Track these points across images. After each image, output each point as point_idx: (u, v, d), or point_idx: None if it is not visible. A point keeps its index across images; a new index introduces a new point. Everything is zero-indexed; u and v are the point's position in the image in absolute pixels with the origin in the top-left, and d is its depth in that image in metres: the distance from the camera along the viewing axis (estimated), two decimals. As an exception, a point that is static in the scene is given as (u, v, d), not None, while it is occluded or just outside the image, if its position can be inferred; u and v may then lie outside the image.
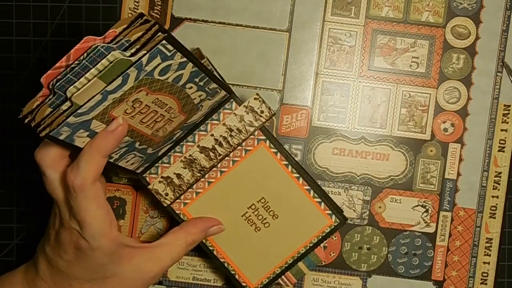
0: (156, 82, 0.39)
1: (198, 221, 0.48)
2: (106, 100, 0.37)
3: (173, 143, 0.48)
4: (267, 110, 0.47)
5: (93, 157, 0.40)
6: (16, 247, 0.55)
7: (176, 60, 0.38)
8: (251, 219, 0.49)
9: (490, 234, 0.53)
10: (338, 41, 0.53)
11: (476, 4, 0.53)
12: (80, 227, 0.41)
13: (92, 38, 0.36)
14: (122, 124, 0.40)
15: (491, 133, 0.53)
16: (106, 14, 0.53)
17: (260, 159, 0.48)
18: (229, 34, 0.53)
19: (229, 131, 0.48)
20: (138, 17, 0.36)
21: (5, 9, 0.54)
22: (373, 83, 0.53)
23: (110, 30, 0.36)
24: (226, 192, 0.49)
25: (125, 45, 0.36)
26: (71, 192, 0.40)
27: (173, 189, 0.48)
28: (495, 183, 0.53)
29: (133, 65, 0.36)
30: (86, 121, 0.38)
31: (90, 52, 0.36)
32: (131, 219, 0.54)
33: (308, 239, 0.49)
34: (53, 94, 0.37)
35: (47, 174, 0.41)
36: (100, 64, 0.35)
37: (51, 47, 0.54)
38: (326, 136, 0.53)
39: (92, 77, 0.36)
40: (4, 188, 0.55)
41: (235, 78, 0.53)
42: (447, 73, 0.53)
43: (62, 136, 0.37)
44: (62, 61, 0.36)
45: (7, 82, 0.54)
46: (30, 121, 0.37)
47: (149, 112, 0.41)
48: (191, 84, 0.42)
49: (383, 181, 0.53)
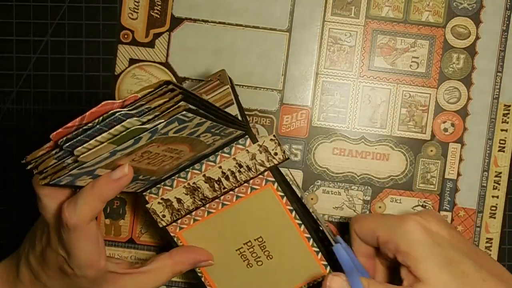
0: (170, 138, 0.37)
1: (188, 251, 0.47)
2: (114, 155, 0.36)
3: (178, 170, 0.47)
4: (281, 153, 0.46)
5: (92, 201, 0.39)
6: (16, 247, 0.55)
7: (194, 122, 0.36)
8: (245, 254, 0.48)
9: (490, 234, 0.53)
10: (338, 41, 0.53)
11: (476, 4, 0.53)
12: (68, 256, 0.41)
13: (110, 102, 0.34)
14: (127, 175, 0.38)
15: (491, 133, 0.53)
16: (106, 14, 0.53)
17: (265, 199, 0.47)
18: (229, 34, 0.53)
19: (239, 166, 0.46)
20: (164, 84, 0.34)
21: (5, 9, 0.54)
22: (373, 83, 0.53)
23: (131, 95, 0.34)
24: (225, 225, 0.48)
25: (145, 111, 0.34)
26: (64, 227, 0.39)
27: (171, 212, 0.47)
28: (495, 183, 0.53)
29: (147, 131, 0.34)
30: (90, 171, 0.37)
31: (106, 117, 0.34)
32: (131, 219, 0.54)
33: (299, 284, 0.48)
34: (60, 149, 0.36)
35: (43, 202, 0.40)
36: (114, 130, 0.34)
37: (51, 47, 0.54)
38: (326, 136, 0.53)
39: (105, 140, 0.34)
40: (4, 188, 0.55)
41: (235, 78, 0.53)
42: (447, 73, 0.53)
43: (63, 182, 0.37)
44: (75, 121, 0.34)
45: (7, 82, 0.54)
46: (32, 168, 0.36)
47: (158, 157, 0.40)
48: (206, 134, 0.40)
49: (383, 181, 0.53)
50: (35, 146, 0.41)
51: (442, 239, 0.41)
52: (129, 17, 0.53)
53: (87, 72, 0.54)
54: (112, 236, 0.54)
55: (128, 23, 0.53)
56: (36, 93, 0.54)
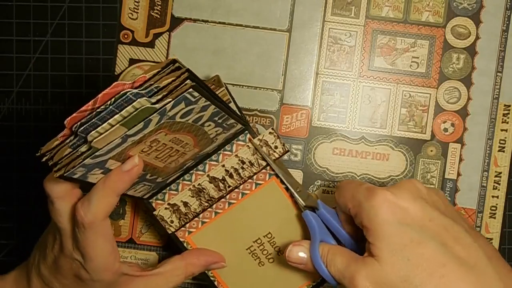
0: (177, 124, 0.38)
1: (201, 253, 0.47)
2: (126, 142, 0.36)
3: (183, 171, 0.47)
4: (281, 146, 0.47)
5: (106, 195, 0.39)
6: (16, 247, 0.55)
7: (200, 104, 0.37)
8: (255, 253, 0.48)
9: (490, 234, 0.53)
10: (338, 41, 0.53)
11: (476, 4, 0.53)
12: (84, 259, 0.40)
13: (121, 83, 0.35)
14: (137, 165, 0.39)
15: (491, 133, 0.53)
16: (106, 14, 0.53)
17: (270, 194, 0.47)
18: (229, 34, 0.53)
19: (241, 163, 0.47)
20: (170, 63, 0.35)
21: (5, 9, 0.54)
22: (373, 83, 0.53)
23: (140, 75, 0.35)
24: (233, 224, 0.48)
25: (154, 91, 0.35)
26: (79, 227, 0.39)
27: (178, 216, 0.47)
28: (495, 183, 0.53)
29: (156, 112, 0.35)
30: (102, 161, 0.37)
31: (118, 98, 0.35)
32: (131, 219, 0.54)
33: (313, 278, 0.48)
34: (75, 136, 0.36)
35: (56, 204, 0.40)
36: (125, 111, 0.35)
37: (51, 47, 0.54)
38: (326, 136, 0.53)
39: (116, 123, 0.35)
40: (4, 188, 0.55)
41: (235, 78, 0.53)
42: (447, 73, 0.53)
43: (76, 175, 0.37)
44: (88, 104, 0.35)
45: (7, 82, 0.54)
46: (47, 160, 0.36)
47: (165, 149, 0.41)
48: (210, 122, 0.41)
49: (383, 181, 0.53)
50: (35, 146, 0.41)
51: (409, 217, 0.38)
52: (129, 17, 0.53)
53: (87, 72, 0.54)
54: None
55: (128, 23, 0.53)
56: (36, 93, 0.54)
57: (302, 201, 0.46)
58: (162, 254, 0.54)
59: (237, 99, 0.49)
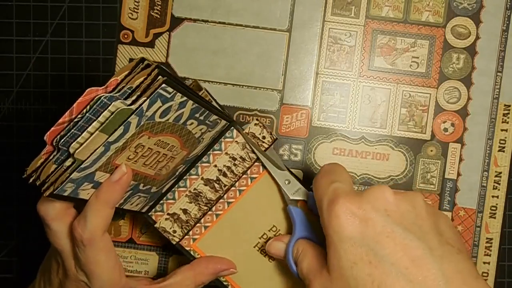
0: (158, 125, 0.38)
1: (210, 261, 0.46)
2: (109, 150, 0.36)
3: (176, 178, 0.47)
4: (269, 135, 0.47)
5: (100, 209, 0.39)
6: (16, 247, 0.55)
7: (176, 100, 0.37)
8: (264, 249, 0.47)
9: (490, 234, 0.53)
10: (338, 41, 0.53)
11: (476, 4, 0.53)
12: (88, 278, 0.40)
13: (94, 89, 0.35)
14: (126, 173, 0.39)
15: (491, 133, 0.53)
16: (106, 14, 0.53)
17: (267, 186, 0.47)
18: (229, 34, 0.53)
19: (233, 160, 0.47)
20: (139, 62, 0.35)
21: (5, 9, 0.54)
22: (373, 83, 0.53)
23: (111, 79, 0.35)
24: (235, 224, 0.47)
25: (128, 92, 0.35)
26: (79, 245, 0.39)
27: (180, 225, 0.47)
28: (495, 183, 0.53)
29: (133, 113, 0.35)
30: (89, 174, 0.37)
31: (93, 104, 0.34)
32: (131, 219, 0.54)
33: None
34: (57, 151, 0.36)
35: (52, 227, 0.40)
36: (102, 116, 0.34)
37: (51, 47, 0.54)
38: (326, 136, 0.53)
39: (95, 130, 0.34)
40: (4, 188, 0.55)
41: (235, 78, 0.53)
42: (447, 73, 0.53)
43: (67, 192, 0.36)
44: (65, 116, 0.35)
45: (7, 82, 0.54)
46: (34, 180, 0.36)
47: (151, 154, 0.40)
48: (192, 120, 0.41)
49: (383, 181, 0.53)
50: (35, 146, 0.41)
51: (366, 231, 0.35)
52: (129, 17, 0.53)
53: (87, 72, 0.54)
54: (112, 236, 0.53)
55: (128, 23, 0.53)
56: (36, 93, 0.54)
57: (289, 195, 0.46)
58: (162, 254, 0.54)
59: (237, 99, 0.49)
